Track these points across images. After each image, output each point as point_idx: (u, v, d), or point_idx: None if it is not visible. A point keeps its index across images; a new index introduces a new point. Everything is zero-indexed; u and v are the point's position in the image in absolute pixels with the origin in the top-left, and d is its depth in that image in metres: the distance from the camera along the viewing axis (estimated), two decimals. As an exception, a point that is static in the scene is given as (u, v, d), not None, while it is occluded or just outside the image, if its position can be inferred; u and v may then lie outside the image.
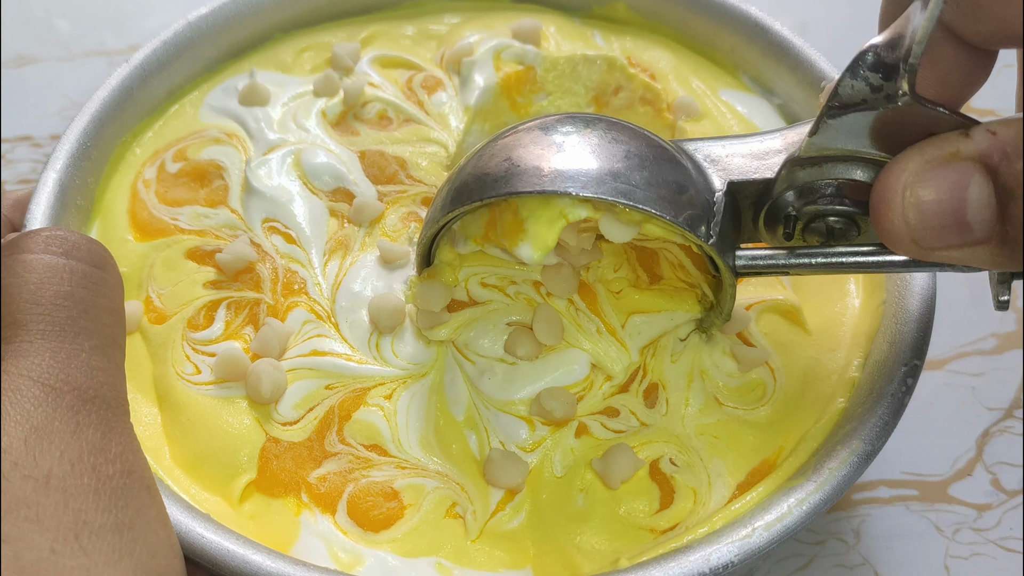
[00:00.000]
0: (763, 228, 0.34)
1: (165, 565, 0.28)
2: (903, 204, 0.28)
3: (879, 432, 0.35)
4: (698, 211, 0.33)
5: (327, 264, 0.40)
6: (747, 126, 0.46)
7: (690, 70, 0.48)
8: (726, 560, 0.32)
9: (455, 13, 0.51)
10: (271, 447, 0.36)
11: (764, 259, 0.34)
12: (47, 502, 0.26)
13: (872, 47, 0.29)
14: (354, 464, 0.36)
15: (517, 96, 0.48)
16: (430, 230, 0.36)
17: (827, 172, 0.32)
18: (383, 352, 0.38)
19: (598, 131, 0.34)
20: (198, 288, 0.39)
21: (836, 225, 0.33)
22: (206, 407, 0.36)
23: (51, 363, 0.28)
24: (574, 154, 0.33)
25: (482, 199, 0.33)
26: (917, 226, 0.28)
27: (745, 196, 0.34)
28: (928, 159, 0.28)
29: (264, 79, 0.46)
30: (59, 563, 0.26)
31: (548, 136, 0.34)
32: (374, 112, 0.45)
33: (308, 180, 0.43)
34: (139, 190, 0.43)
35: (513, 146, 0.34)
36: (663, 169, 0.33)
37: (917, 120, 0.29)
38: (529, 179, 0.32)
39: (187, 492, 0.35)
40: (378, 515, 0.35)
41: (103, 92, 0.43)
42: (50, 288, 0.30)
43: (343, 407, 0.37)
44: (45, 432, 0.27)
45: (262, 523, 0.35)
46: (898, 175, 0.28)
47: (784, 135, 0.35)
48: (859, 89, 0.29)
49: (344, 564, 0.34)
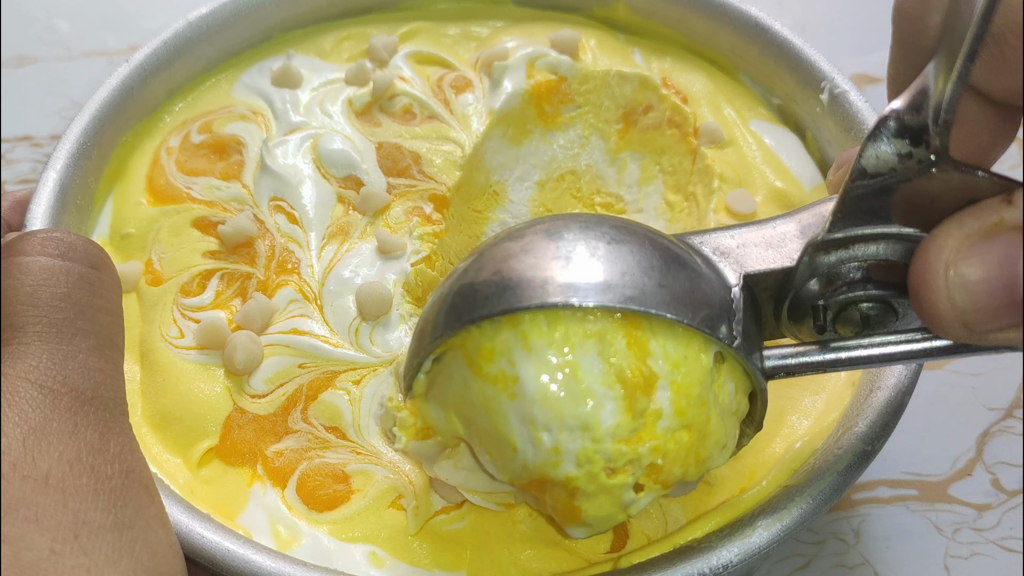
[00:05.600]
0: (787, 322, 0.31)
1: (165, 564, 0.29)
2: (947, 286, 0.25)
3: (879, 432, 0.34)
4: (715, 310, 0.29)
5: (324, 248, 0.41)
6: (771, 158, 0.45)
7: (724, 97, 0.48)
8: (726, 560, 0.32)
9: (501, 19, 0.51)
10: (236, 417, 0.37)
11: (795, 356, 0.30)
12: (46, 502, 0.26)
13: (893, 112, 0.26)
14: (312, 443, 0.36)
15: (546, 105, 0.48)
16: (415, 360, 0.32)
17: (854, 254, 0.29)
18: (360, 339, 0.38)
19: (594, 235, 0.30)
20: (197, 256, 0.41)
21: (871, 312, 0.30)
22: (182, 370, 0.37)
23: (48, 365, 0.29)
24: (573, 262, 0.29)
25: (473, 319, 0.29)
26: (966, 308, 0.25)
27: (764, 289, 0.31)
28: (969, 232, 0.25)
29: (301, 63, 0.48)
30: (59, 563, 0.26)
31: (543, 243, 0.30)
32: (399, 106, 0.46)
33: (321, 165, 0.43)
34: (161, 156, 0.44)
35: (504, 257, 0.30)
36: (672, 268, 0.29)
37: (950, 187, 0.26)
38: (524, 293, 0.28)
39: (149, 451, 0.36)
40: (324, 495, 0.35)
41: (104, 92, 0.44)
42: (47, 290, 0.30)
43: (312, 387, 0.37)
44: (43, 433, 0.27)
45: (215, 489, 0.36)
46: (937, 253, 0.26)
47: (798, 218, 0.31)
48: (885, 158, 0.26)
49: (282, 540, 0.34)
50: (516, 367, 0.28)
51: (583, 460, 0.28)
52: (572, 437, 0.28)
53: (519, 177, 0.48)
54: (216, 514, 0.34)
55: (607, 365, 0.28)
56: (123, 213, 0.43)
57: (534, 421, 0.28)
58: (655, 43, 0.50)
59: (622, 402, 0.28)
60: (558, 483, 0.29)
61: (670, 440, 0.29)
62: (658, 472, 0.29)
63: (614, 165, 0.48)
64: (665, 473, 0.29)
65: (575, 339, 0.28)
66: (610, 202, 0.47)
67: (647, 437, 0.28)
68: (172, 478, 0.35)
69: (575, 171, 0.48)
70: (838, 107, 0.44)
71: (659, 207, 0.46)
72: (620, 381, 0.28)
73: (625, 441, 0.28)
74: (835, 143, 0.44)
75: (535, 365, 0.28)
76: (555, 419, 0.28)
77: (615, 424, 0.28)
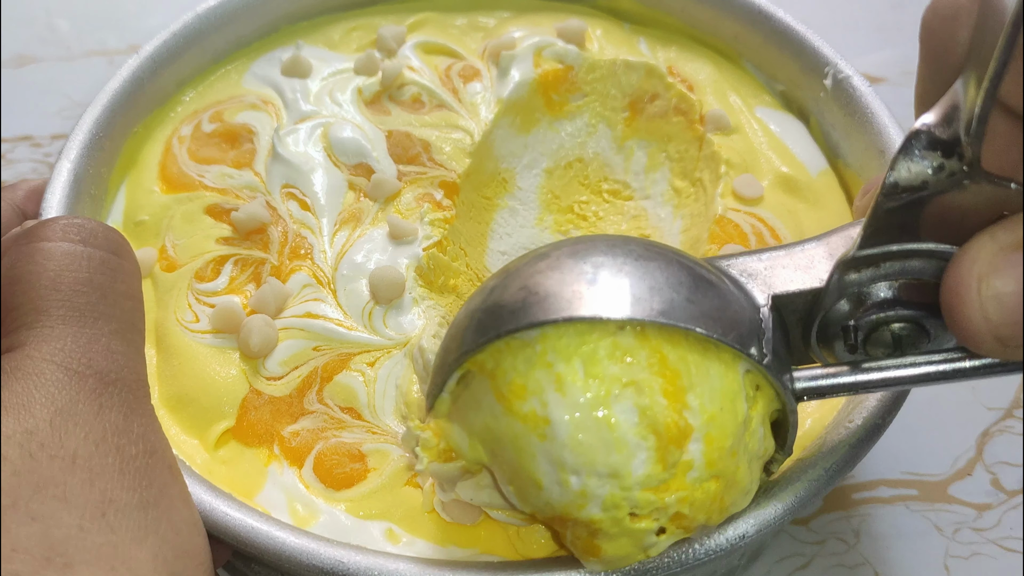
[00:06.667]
0: (816, 346, 0.31)
1: (189, 542, 0.29)
2: (980, 299, 0.25)
3: (889, 406, 0.34)
4: (745, 328, 0.29)
5: (336, 234, 0.41)
6: (776, 144, 0.46)
7: (729, 85, 0.48)
8: (742, 531, 0.32)
9: (508, 9, 0.52)
10: (252, 398, 0.37)
11: (826, 377, 0.30)
12: (74, 481, 0.27)
13: (924, 125, 0.26)
14: (328, 424, 0.37)
15: (553, 94, 0.48)
16: (440, 377, 0.31)
17: (884, 272, 0.28)
18: (374, 322, 0.39)
19: (621, 252, 0.30)
20: (211, 243, 0.41)
21: (902, 333, 0.29)
22: (198, 353, 0.38)
23: (73, 347, 0.29)
24: (601, 278, 0.29)
25: (499, 334, 0.29)
26: (1000, 322, 0.25)
27: (792, 311, 0.30)
28: (1002, 245, 0.25)
29: (310, 54, 0.48)
30: (87, 540, 0.26)
31: (569, 261, 0.29)
32: (408, 95, 0.47)
33: (332, 152, 0.44)
34: (173, 145, 0.45)
35: (531, 273, 0.30)
36: (700, 285, 0.29)
37: (982, 201, 0.26)
38: (552, 306, 0.28)
39: (167, 433, 0.36)
40: (341, 474, 0.36)
41: (115, 83, 0.44)
42: (69, 275, 0.30)
43: (327, 369, 0.38)
44: (70, 414, 0.28)
45: (233, 469, 0.36)
46: (970, 266, 0.25)
47: (827, 242, 0.31)
48: (918, 172, 0.26)
49: (300, 518, 0.34)
50: (548, 409, 0.28)
51: (609, 505, 0.28)
52: (601, 483, 0.28)
53: (527, 165, 0.48)
54: (235, 494, 0.35)
55: (642, 415, 0.28)
56: (137, 201, 0.43)
57: (563, 464, 0.28)
58: (661, 32, 0.51)
59: (654, 453, 0.28)
60: (581, 522, 0.29)
61: (698, 490, 0.29)
62: (683, 519, 0.29)
63: (621, 153, 0.49)
64: (689, 520, 0.29)
65: (611, 385, 0.28)
66: (617, 189, 0.48)
67: (676, 487, 0.28)
68: (190, 459, 0.36)
69: (583, 159, 0.49)
70: (841, 92, 0.44)
71: (666, 193, 0.47)
72: (654, 432, 0.28)
73: (654, 490, 0.28)
74: (839, 128, 0.45)
75: (569, 409, 0.28)
76: (585, 465, 0.28)
77: (645, 474, 0.28)
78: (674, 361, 0.28)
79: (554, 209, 0.47)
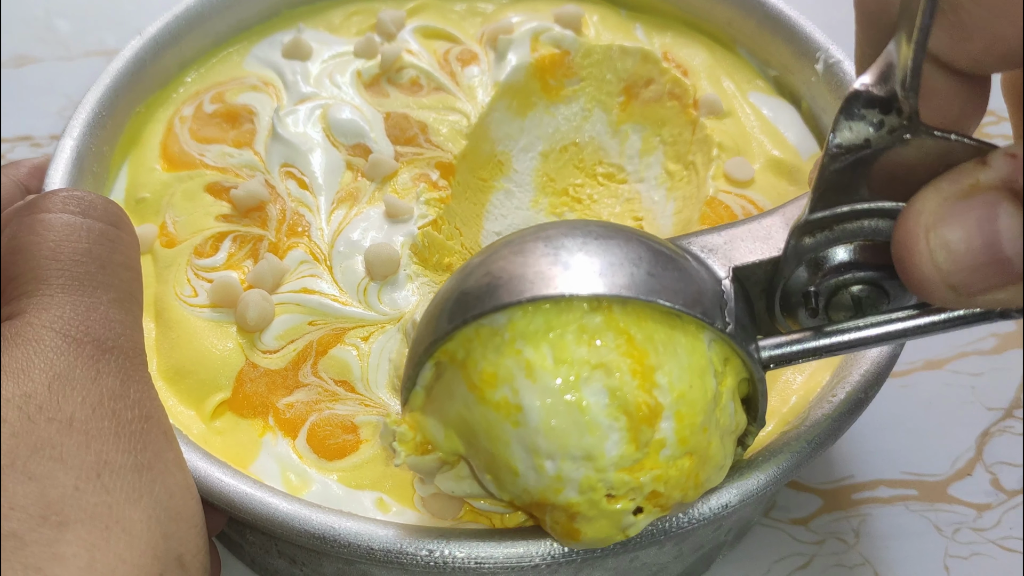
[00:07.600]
0: (780, 315, 0.32)
1: (182, 504, 0.30)
2: (929, 249, 0.26)
3: (872, 380, 0.35)
4: (708, 300, 0.29)
5: (333, 212, 0.42)
6: (768, 128, 0.46)
7: (723, 71, 0.49)
8: (724, 501, 0.33)
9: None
10: (248, 371, 0.38)
11: (791, 344, 0.30)
12: (70, 443, 0.28)
13: (863, 86, 0.27)
14: (321, 396, 0.37)
15: (550, 79, 0.49)
16: (411, 370, 0.32)
17: (839, 235, 0.29)
18: (369, 298, 0.40)
19: (581, 232, 0.30)
20: (210, 220, 0.42)
21: (862, 295, 0.30)
22: (196, 327, 0.39)
23: (71, 315, 0.30)
24: (563, 257, 0.29)
25: (465, 320, 0.29)
26: (950, 270, 0.26)
27: (755, 283, 0.31)
28: (946, 196, 0.26)
29: (310, 37, 0.49)
30: (82, 499, 0.27)
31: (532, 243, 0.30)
32: (407, 78, 0.47)
33: (331, 133, 0.45)
34: (174, 124, 0.45)
35: (494, 260, 0.30)
36: (660, 260, 0.30)
37: (926, 155, 0.26)
38: (515, 288, 0.29)
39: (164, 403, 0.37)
40: (333, 444, 0.36)
41: (117, 63, 0.45)
42: (69, 245, 0.31)
43: (321, 343, 0.38)
44: (67, 379, 0.29)
45: (228, 439, 0.37)
46: (916, 218, 0.26)
47: (783, 211, 0.32)
48: (859, 130, 0.27)
49: (293, 487, 0.35)
50: (520, 396, 0.28)
51: (586, 488, 0.29)
52: (576, 466, 0.28)
53: (523, 148, 0.49)
54: (230, 463, 0.35)
55: (612, 396, 0.28)
56: (138, 179, 0.44)
57: (537, 450, 0.28)
58: (656, 19, 0.52)
59: (626, 433, 0.28)
60: (559, 507, 0.29)
61: (672, 468, 0.29)
62: (658, 497, 0.29)
63: (616, 136, 0.49)
64: (665, 498, 0.30)
65: (580, 368, 0.28)
66: (612, 172, 0.48)
67: (650, 466, 0.29)
68: (187, 429, 0.37)
69: (578, 143, 0.49)
70: (833, 77, 0.45)
71: (660, 177, 0.48)
72: (625, 413, 0.28)
73: (628, 471, 0.29)
74: (830, 112, 0.45)
75: (540, 395, 0.28)
76: (559, 449, 0.28)
77: (619, 455, 0.28)
78: (641, 341, 0.28)
79: (549, 192, 0.48)
